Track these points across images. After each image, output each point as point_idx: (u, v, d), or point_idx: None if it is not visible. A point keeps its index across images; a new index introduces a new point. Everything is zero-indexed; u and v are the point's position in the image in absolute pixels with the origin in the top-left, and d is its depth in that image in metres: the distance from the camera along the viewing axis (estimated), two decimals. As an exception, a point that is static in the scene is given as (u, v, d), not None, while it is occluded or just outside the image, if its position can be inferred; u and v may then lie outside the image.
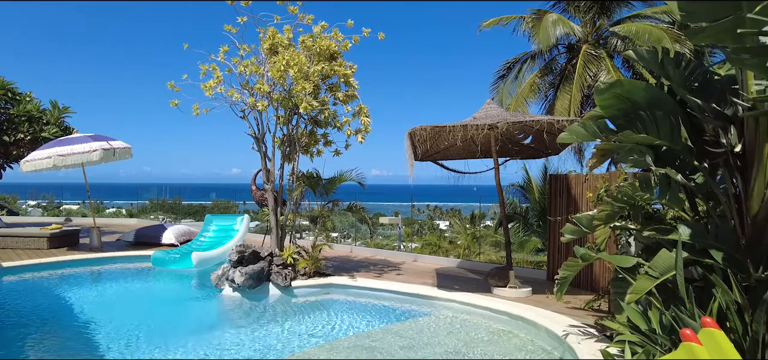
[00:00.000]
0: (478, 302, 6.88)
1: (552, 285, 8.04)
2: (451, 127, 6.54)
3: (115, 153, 11.05)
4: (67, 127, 13.54)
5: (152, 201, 29.64)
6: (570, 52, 17.72)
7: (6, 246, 11.26)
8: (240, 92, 8.27)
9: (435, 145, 7.26)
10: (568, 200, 8.12)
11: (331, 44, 8.17)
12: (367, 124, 8.22)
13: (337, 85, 8.59)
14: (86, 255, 10.64)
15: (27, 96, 13.20)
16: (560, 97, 16.60)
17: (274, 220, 8.56)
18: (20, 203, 30.98)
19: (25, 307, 7.86)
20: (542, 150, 8.63)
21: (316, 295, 7.99)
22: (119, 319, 7.07)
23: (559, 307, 6.64)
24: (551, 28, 16.01)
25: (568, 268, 5.24)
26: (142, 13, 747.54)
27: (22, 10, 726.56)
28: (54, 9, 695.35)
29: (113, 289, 9.21)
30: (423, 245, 19.20)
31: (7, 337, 6.54)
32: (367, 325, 6.63)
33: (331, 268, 9.08)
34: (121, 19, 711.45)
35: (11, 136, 12.53)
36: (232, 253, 7.88)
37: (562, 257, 8.27)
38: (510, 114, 7.43)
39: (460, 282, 8.24)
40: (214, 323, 7.20)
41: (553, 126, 6.48)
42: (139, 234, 12.33)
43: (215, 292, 7.97)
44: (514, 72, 18.28)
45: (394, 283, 8.01)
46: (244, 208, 31.25)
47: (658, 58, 4.46)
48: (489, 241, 17.43)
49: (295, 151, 8.66)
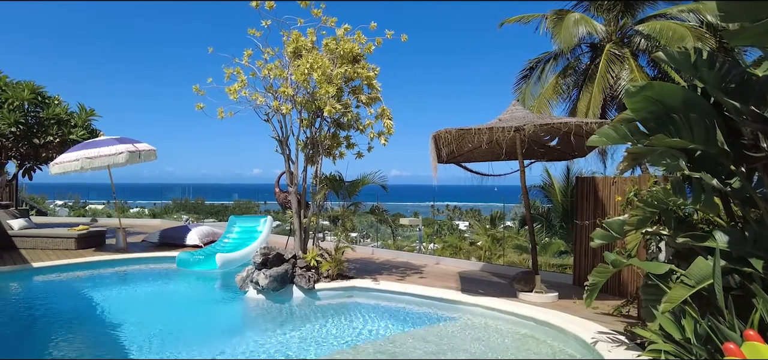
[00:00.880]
0: (503, 307, 6.80)
1: (578, 290, 7.94)
2: (476, 130, 6.48)
3: (140, 155, 11.22)
4: (94, 130, 13.79)
5: (175, 201, 30.08)
6: (593, 52, 17.45)
7: (36, 246, 11.51)
8: (264, 96, 8.31)
9: (459, 147, 7.20)
10: (595, 203, 7.98)
11: (355, 47, 8.16)
12: (390, 127, 8.19)
13: (359, 87, 8.58)
14: (112, 256, 10.82)
15: (55, 99, 13.48)
16: (583, 97, 16.35)
17: (298, 222, 8.58)
18: (48, 203, 31.70)
19: (55, 307, 8.01)
20: (568, 152, 8.50)
21: (339, 297, 7.99)
22: (145, 321, 7.16)
23: (586, 313, 6.52)
24: (573, 27, 15.78)
25: (599, 274, 5.14)
26: (168, 15, 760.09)
27: (51, 13, 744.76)
28: (81, 10, 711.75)
29: (139, 290, 9.35)
30: (443, 247, 19.11)
31: (37, 336, 6.69)
32: (390, 330, 6.60)
33: (353, 270, 9.07)
34: (145, 21, 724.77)
35: (41, 139, 12.79)
36: (256, 256, 7.92)
37: (588, 261, 8.15)
38: (536, 116, 7.33)
39: (485, 286, 8.16)
40: (240, 326, 7.24)
41: (581, 128, 6.37)
42: (164, 235, 12.49)
43: (240, 294, 8.02)
44: (537, 72, 18.07)
45: (417, 286, 7.96)
46: (265, 209, 31.51)
47: (690, 59, 4.34)
48: (510, 243, 17.27)
49: (318, 153, 8.68)
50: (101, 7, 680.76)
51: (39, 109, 12.95)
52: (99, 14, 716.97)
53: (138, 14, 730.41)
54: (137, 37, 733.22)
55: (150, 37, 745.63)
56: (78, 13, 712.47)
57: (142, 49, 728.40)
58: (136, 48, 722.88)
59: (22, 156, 13.43)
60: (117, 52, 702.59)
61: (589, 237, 7.84)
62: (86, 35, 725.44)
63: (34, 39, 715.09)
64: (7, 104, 12.28)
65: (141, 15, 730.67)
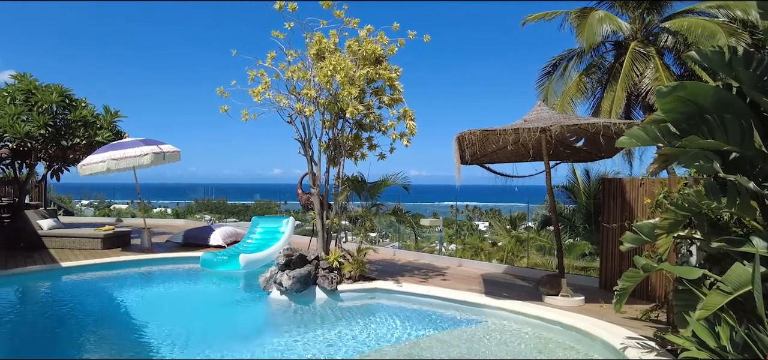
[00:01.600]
0: (529, 311, 6.71)
1: (605, 293, 7.80)
2: (501, 131, 6.40)
3: (164, 156, 11.37)
4: (119, 132, 14.01)
5: (197, 201, 30.49)
6: (617, 50, 17.15)
7: (64, 246, 11.74)
8: (287, 97, 8.33)
9: (482, 148, 7.13)
10: (622, 205, 7.83)
11: (377, 48, 8.14)
12: (413, 128, 8.14)
13: (382, 88, 8.55)
14: (138, 256, 10.98)
15: (82, 102, 13.72)
16: (607, 96, 16.08)
17: (320, 223, 8.60)
18: (74, 203, 32.41)
19: (82, 306, 8.17)
20: (595, 153, 8.36)
21: (361, 299, 7.98)
22: (170, 321, 7.25)
23: (614, 317, 6.39)
24: (597, 25, 15.51)
25: (628, 279, 5.03)
26: (191, 18, 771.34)
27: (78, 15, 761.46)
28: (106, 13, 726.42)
29: (164, 290, 9.47)
30: (464, 248, 18.97)
31: (65, 334, 6.81)
32: (414, 333, 6.55)
33: (375, 271, 9.05)
34: (168, 24, 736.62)
35: (68, 141, 13.03)
36: (279, 256, 7.96)
37: (615, 265, 8.00)
38: (562, 116, 7.21)
39: (508, 289, 8.06)
40: (264, 327, 7.28)
41: (609, 129, 6.24)
42: (188, 235, 12.64)
43: (263, 294, 8.07)
44: (560, 69, 17.81)
45: (440, 289, 7.91)
46: (285, 209, 31.69)
47: (724, 58, 4.20)
48: (533, 244, 17.06)
49: (340, 154, 8.68)
50: (128, 9, 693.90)
51: (67, 111, 13.20)
52: (125, 17, 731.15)
53: (162, 16, 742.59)
54: (160, 40, 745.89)
55: (173, 39, 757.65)
56: (102, 17, 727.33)
57: (164, 52, 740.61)
58: (159, 51, 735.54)
59: (51, 157, 13.70)
60: (140, 54, 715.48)
61: (617, 240, 7.72)
62: (110, 38, 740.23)
63: (60, 43, 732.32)
64: (36, 107, 12.55)
65: (165, 17, 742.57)
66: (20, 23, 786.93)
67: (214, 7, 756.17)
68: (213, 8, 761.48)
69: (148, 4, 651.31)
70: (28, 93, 12.78)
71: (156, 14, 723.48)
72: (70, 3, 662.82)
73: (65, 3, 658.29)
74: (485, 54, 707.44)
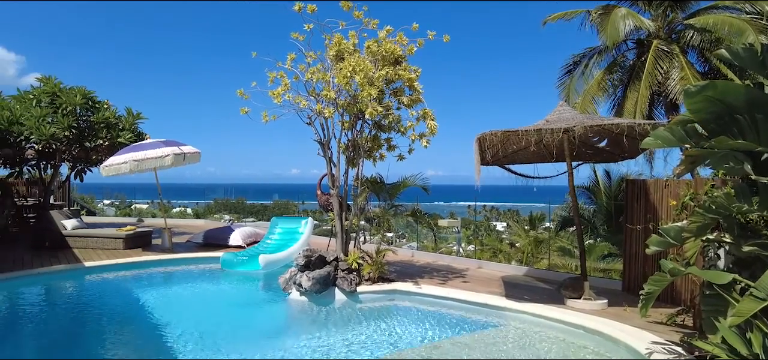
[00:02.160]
0: (551, 314, 6.61)
1: (628, 296, 7.66)
2: (523, 131, 6.31)
3: (185, 158, 11.49)
4: (141, 133, 14.20)
5: (216, 201, 30.87)
6: (640, 48, 16.88)
7: (87, 246, 11.93)
8: (307, 99, 8.34)
9: (503, 149, 7.05)
10: (646, 207, 7.68)
11: (396, 48, 8.11)
12: (434, 128, 8.09)
13: (401, 89, 8.52)
14: (159, 256, 11.10)
15: (105, 103, 13.93)
16: (630, 95, 15.83)
17: (339, 224, 8.59)
18: (96, 202, 33.02)
19: (105, 306, 8.30)
20: (618, 154, 8.21)
21: (381, 301, 7.95)
22: (193, 321, 7.31)
23: (638, 321, 6.27)
24: (620, 22, 15.28)
25: (655, 283, 4.92)
26: (211, 21, 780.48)
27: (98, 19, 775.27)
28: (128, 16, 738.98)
29: (185, 290, 9.57)
30: (483, 249, 18.83)
31: (88, 333, 6.92)
32: (434, 335, 6.51)
33: (394, 273, 9.01)
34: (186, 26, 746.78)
35: (91, 142, 13.25)
36: (299, 257, 7.98)
37: (638, 267, 7.85)
38: (585, 116, 7.10)
39: (530, 292, 7.97)
40: (285, 328, 7.31)
41: (633, 130, 6.12)
42: (208, 235, 12.75)
43: (283, 295, 8.09)
44: (581, 67, 17.59)
45: (460, 291, 7.84)
46: (303, 208, 31.87)
47: (757, 56, 4.09)
48: (552, 245, 16.86)
49: (359, 155, 8.67)
50: (148, 11, 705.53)
51: (90, 113, 13.41)
52: (144, 19, 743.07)
53: (182, 18, 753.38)
54: (179, 42, 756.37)
55: (191, 41, 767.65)
56: (123, 20, 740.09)
57: (183, 54, 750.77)
58: (179, 53, 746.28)
59: (74, 158, 13.94)
60: (160, 57, 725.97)
61: (642, 243, 7.57)
62: (130, 41, 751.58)
63: (82, 45, 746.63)
64: (61, 109, 12.78)
65: (184, 19, 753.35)
66: (44, 24, 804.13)
67: (232, 9, 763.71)
68: (230, 10, 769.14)
69: (169, 7, 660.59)
70: (53, 95, 13.03)
71: (176, 17, 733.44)
72: (94, 5, 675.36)
73: (90, 5, 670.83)
74: (503, 54, 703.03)
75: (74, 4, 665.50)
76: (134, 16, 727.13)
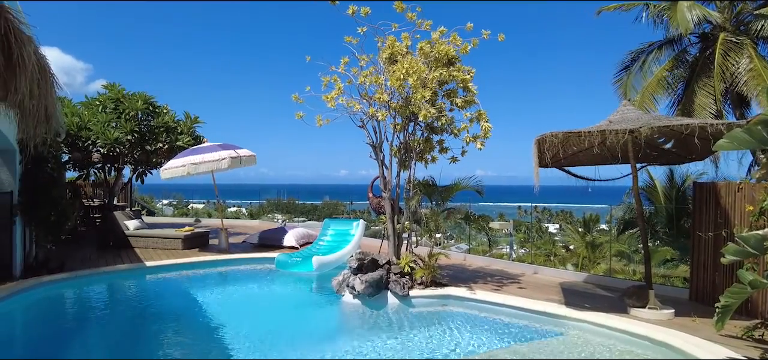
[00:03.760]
0: (614, 324, 6.32)
1: (697, 306, 7.25)
2: (586, 133, 6.06)
3: (241, 160, 11.76)
4: (198, 136, 14.65)
5: (269, 201, 31.65)
6: (704, 42, 15.99)
7: (148, 246, 12.42)
8: (360, 102, 8.35)
9: (563, 150, 6.80)
10: (717, 212, 7.23)
11: (450, 49, 7.99)
12: (488, 130, 7.92)
13: (454, 90, 8.39)
14: (216, 256, 11.40)
15: (164, 108, 14.47)
16: (695, 91, 15.01)
17: (392, 227, 8.55)
18: (155, 202, 34.44)
19: (164, 304, 8.59)
20: (685, 155, 7.78)
21: (433, 306, 7.85)
22: (249, 321, 7.47)
23: (709, 333, 5.91)
24: (687, 11, 14.53)
25: (733, 296, 4.61)
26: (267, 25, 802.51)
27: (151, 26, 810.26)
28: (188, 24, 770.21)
29: (242, 290, 9.78)
30: (538, 253, 18.35)
31: (148, 331, 7.17)
32: (490, 344, 6.34)
33: (446, 277, 8.88)
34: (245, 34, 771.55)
35: (152, 145, 13.79)
36: (351, 260, 7.99)
37: (708, 275, 7.41)
38: (651, 116, 6.75)
39: (590, 299, 7.66)
40: (339, 331, 7.32)
41: (705, 130, 5.76)
42: (263, 236, 13.01)
43: (336, 297, 8.12)
44: (639, 63, 16.84)
45: (516, 297, 7.62)
46: (351, 209, 32.12)
47: None
48: (608, 250, 16.23)
49: (410, 158, 8.59)
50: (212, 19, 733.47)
51: (150, 118, 13.97)
52: (204, 25, 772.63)
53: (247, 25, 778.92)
54: (237, 46, 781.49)
55: (249, 44, 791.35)
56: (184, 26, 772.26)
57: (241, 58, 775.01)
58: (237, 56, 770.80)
59: (136, 161, 14.54)
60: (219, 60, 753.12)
61: (712, 250, 7.15)
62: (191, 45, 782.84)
63: (145, 50, 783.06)
64: (124, 114, 13.36)
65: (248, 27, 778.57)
66: (108, 32, 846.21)
67: (287, 13, 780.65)
68: (286, 15, 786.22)
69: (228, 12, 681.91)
70: (116, 101, 13.64)
71: (235, 22, 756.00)
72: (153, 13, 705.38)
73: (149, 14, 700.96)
74: (556, 53, 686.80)
75: (134, 9, 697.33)
76: (192, 19, 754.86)
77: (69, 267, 9.50)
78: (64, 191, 12.34)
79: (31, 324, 7.56)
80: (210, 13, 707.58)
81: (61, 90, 5.73)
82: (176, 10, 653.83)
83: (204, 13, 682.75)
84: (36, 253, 9.68)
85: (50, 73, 5.21)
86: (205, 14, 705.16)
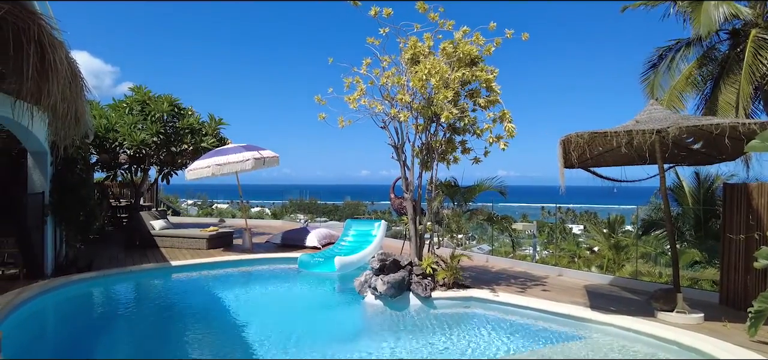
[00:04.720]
0: (641, 328, 6.20)
1: (727, 310, 7.07)
2: (612, 133, 5.96)
3: (265, 162, 11.88)
4: (222, 138, 14.85)
5: (291, 201, 31.91)
6: (734, 39, 15.57)
7: (173, 245, 12.62)
8: (382, 103, 8.35)
9: (589, 150, 6.71)
10: (748, 214, 7.03)
11: (473, 49, 7.94)
12: (512, 131, 7.84)
13: (477, 90, 8.33)
14: (240, 256, 11.53)
15: (189, 110, 14.70)
16: (723, 90, 14.64)
17: (413, 228, 8.53)
18: (180, 202, 35.02)
19: (189, 303, 8.73)
20: (715, 155, 7.59)
21: (456, 307, 7.81)
22: (272, 320, 7.53)
23: (740, 339, 5.74)
24: (714, 10, 14.16)
25: (766, 300, 4.48)
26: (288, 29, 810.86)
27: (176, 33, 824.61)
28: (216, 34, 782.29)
29: (265, 289, 9.88)
30: (562, 254, 18.11)
31: (173, 329, 7.30)
32: (513, 346, 6.28)
33: (469, 278, 8.82)
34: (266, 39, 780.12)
35: (177, 147, 14.02)
36: (373, 261, 8.00)
37: (739, 278, 7.22)
38: (679, 116, 6.60)
39: (616, 302, 7.53)
40: (361, 331, 7.34)
41: (736, 130, 5.61)
42: (285, 237, 13.12)
43: (358, 298, 8.14)
44: (666, 61, 16.47)
45: (540, 300, 7.53)
46: (372, 209, 32.18)
47: None
48: (633, 251, 15.93)
49: (432, 159, 8.56)
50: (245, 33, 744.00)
51: (175, 119, 14.20)
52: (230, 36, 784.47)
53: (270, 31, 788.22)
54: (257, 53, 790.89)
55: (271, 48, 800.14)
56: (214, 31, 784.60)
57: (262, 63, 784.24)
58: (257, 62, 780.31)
59: (162, 162, 14.80)
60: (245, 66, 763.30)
61: (743, 252, 6.96)
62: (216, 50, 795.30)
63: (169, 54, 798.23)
64: (150, 116, 13.61)
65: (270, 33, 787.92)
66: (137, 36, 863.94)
67: (309, 15, 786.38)
68: (307, 17, 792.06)
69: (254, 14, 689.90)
70: (143, 103, 13.90)
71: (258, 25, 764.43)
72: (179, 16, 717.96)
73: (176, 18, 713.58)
74: (581, 53, 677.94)
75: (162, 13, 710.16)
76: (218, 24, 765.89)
77: (97, 266, 9.72)
78: (92, 192, 12.63)
79: (62, 321, 7.76)
80: (234, 16, 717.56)
81: (90, 93, 5.86)
82: (202, 10, 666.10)
83: (229, 15, 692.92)
84: (66, 252, 9.92)
85: (80, 77, 5.33)
86: (231, 16, 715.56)
